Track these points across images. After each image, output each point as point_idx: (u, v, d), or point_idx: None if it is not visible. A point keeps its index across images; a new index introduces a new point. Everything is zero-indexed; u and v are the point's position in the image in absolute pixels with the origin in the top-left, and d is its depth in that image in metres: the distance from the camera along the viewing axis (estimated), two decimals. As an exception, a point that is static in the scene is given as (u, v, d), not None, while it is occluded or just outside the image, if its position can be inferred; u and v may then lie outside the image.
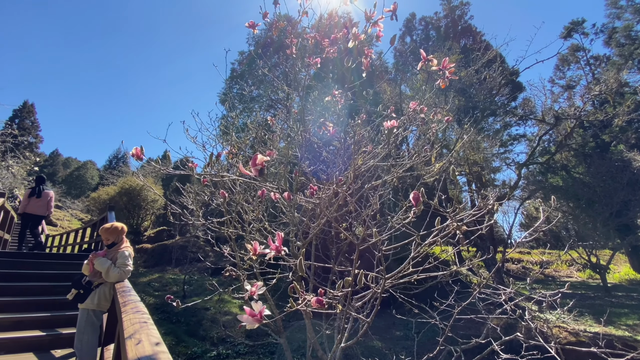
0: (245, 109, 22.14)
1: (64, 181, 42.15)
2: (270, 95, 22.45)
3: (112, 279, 2.74)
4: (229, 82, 22.17)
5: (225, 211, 3.67)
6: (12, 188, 14.12)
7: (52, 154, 52.28)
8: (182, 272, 11.20)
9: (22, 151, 16.74)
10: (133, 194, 15.10)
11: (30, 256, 6.33)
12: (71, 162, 55.00)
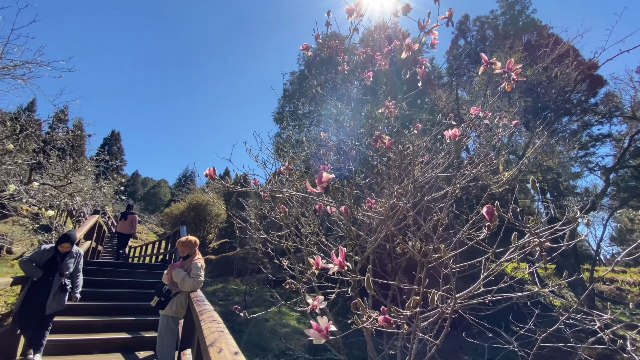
0: (297, 125, 23.00)
1: (142, 198, 47.85)
2: (320, 111, 23.04)
3: (187, 288, 2.99)
4: (282, 102, 23.33)
5: (284, 225, 3.80)
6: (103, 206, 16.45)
7: (133, 174, 59.89)
8: (242, 282, 11.78)
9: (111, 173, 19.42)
10: (199, 209, 16.52)
11: (118, 265, 7.21)
12: (148, 181, 62.33)
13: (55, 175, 9.49)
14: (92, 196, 12.08)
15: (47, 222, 13.05)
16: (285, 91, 23.40)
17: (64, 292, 3.68)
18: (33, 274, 3.46)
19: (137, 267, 7.70)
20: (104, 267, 6.74)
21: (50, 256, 3.64)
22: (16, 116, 10.17)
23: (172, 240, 8.48)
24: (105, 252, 12.19)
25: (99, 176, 14.04)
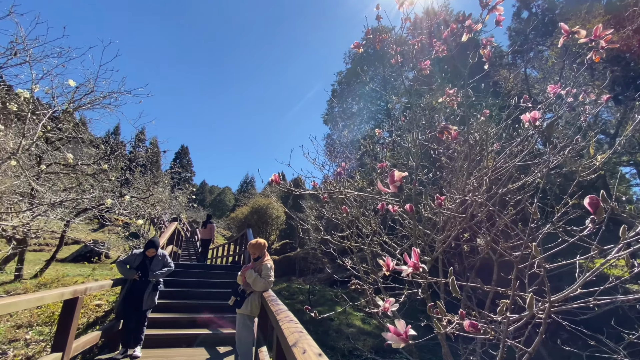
0: (348, 125, 22.92)
1: (210, 205, 52.19)
2: (370, 108, 22.66)
3: (259, 288, 3.16)
4: (331, 103, 23.48)
5: (345, 226, 3.78)
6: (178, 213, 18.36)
7: (201, 184, 65.68)
8: (305, 282, 12.10)
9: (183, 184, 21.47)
10: (261, 212, 17.46)
11: (197, 267, 7.91)
12: (214, 189, 67.74)
13: (140, 188, 10.86)
14: (169, 205, 13.55)
15: (135, 229, 15.02)
16: (333, 92, 23.51)
17: (155, 291, 4.16)
18: (127, 275, 3.99)
19: (212, 268, 8.39)
20: (186, 268, 7.46)
21: (140, 260, 4.16)
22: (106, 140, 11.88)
23: (239, 243, 9.07)
24: (183, 255, 13.49)
25: (174, 187, 15.70)
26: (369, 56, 22.97)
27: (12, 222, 5.39)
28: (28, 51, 3.91)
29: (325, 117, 23.44)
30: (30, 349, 5.39)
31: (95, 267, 11.55)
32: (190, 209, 21.55)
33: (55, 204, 5.34)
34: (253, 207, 18.12)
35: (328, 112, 23.44)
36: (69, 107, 4.74)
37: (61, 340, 2.73)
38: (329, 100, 23.32)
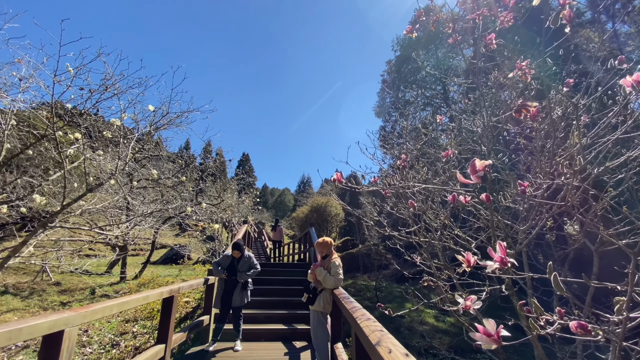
0: (401, 114, 22.07)
1: (273, 206, 54.97)
2: (424, 94, 21.49)
3: (329, 285, 3.22)
4: (381, 94, 22.85)
5: (411, 221, 3.64)
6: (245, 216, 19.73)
7: (262, 187, 69.51)
8: (370, 278, 12.01)
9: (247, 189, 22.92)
10: (320, 211, 17.81)
11: (269, 265, 8.38)
12: (275, 191, 71.12)
13: (212, 195, 11.93)
14: (237, 209, 14.62)
15: (211, 233, 16.51)
16: (383, 82, 22.83)
17: (245, 290, 4.48)
18: (217, 274, 4.38)
19: (282, 266, 8.81)
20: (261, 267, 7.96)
21: (230, 261, 4.54)
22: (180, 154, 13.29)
23: (303, 241, 9.37)
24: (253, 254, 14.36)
25: (240, 192, 16.87)
26: (419, 40, 21.80)
27: (116, 232, 6.34)
28: (115, 85, 4.54)
29: (377, 109, 22.92)
30: (137, 340, 6.28)
31: (181, 268, 12.98)
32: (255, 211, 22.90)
33: (147, 214, 6.13)
34: (312, 206, 18.59)
35: (379, 104, 22.88)
36: (150, 129, 5.40)
37: (163, 333, 3.13)
38: (379, 92, 22.75)
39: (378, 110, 22.80)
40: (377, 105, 23.07)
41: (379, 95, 23.07)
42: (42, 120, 5.08)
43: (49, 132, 4.14)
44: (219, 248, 13.58)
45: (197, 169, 13.00)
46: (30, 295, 8.10)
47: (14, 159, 5.03)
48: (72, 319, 1.71)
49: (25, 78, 4.24)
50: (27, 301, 7.73)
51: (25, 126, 4.98)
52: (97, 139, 6.05)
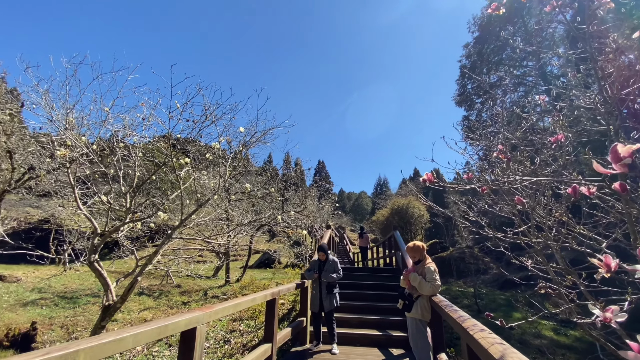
0: (487, 99, 19.88)
1: (350, 210, 55.28)
2: (513, 73, 18.96)
3: (426, 292, 3.04)
4: (461, 81, 20.99)
5: (518, 219, 3.21)
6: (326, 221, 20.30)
7: (339, 192, 70.60)
8: (466, 284, 10.98)
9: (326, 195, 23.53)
10: (402, 213, 17.14)
11: (357, 270, 8.40)
12: (352, 195, 71.50)
13: (295, 203, 12.64)
14: (319, 215, 15.16)
15: (296, 238, 17.46)
16: (462, 68, 20.96)
17: (331, 293, 4.59)
18: (309, 276, 4.59)
19: (368, 270, 8.74)
20: (345, 271, 8.07)
21: (317, 264, 4.73)
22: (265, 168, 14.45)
23: (387, 245, 9.14)
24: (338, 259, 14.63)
25: (320, 198, 17.46)
26: (499, 17, 19.46)
27: (220, 241, 7.20)
28: (212, 114, 5.19)
29: (457, 98, 21.08)
30: (244, 338, 6.97)
31: (274, 271, 13.99)
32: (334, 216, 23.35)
33: (245, 224, 6.82)
34: (392, 208, 18.01)
35: (459, 92, 21.01)
36: (242, 148, 6.01)
37: (269, 333, 3.40)
38: (458, 79, 20.91)
39: (459, 99, 20.96)
40: (457, 93, 21.23)
41: (458, 82, 21.21)
42: (161, 150, 6.13)
43: (167, 160, 4.97)
44: (305, 252, 14.25)
45: (281, 180, 13.96)
46: (159, 295, 9.77)
47: (143, 185, 6.18)
48: (201, 317, 1.98)
49: (146, 117, 5.21)
50: (158, 301, 9.34)
51: (149, 156, 6.10)
52: (201, 161, 7.02)
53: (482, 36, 20.36)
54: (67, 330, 7.30)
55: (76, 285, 10.34)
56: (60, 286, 10.06)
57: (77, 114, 4.61)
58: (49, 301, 8.82)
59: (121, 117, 5.06)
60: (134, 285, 4.57)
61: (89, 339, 1.28)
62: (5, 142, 6.27)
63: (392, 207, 18.03)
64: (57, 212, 11.16)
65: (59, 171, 6.08)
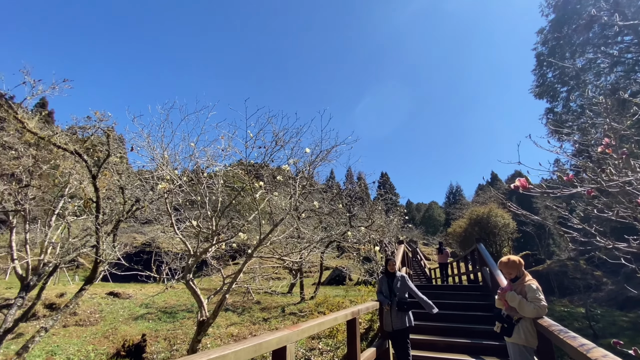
0: (574, 86, 17.29)
1: (421, 223, 52.21)
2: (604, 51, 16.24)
3: (528, 314, 2.65)
4: (538, 70, 18.73)
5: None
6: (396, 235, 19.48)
7: (406, 203, 67.59)
8: (573, 303, 9.31)
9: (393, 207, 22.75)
10: (482, 223, 15.53)
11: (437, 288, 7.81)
12: (420, 206, 67.81)
13: (362, 218, 12.48)
14: (388, 229, 14.67)
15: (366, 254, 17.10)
16: (538, 56, 18.75)
17: (403, 311, 4.32)
18: (382, 301, 4.37)
19: (451, 288, 8.00)
20: (424, 289, 7.56)
21: (385, 281, 4.52)
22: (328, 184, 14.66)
23: (471, 260, 8.32)
24: (413, 275, 13.83)
25: (387, 212, 16.95)
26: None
27: (293, 259, 7.43)
28: (281, 139, 5.51)
29: (536, 89, 18.71)
30: (323, 357, 6.95)
31: (346, 289, 13.84)
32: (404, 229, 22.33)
33: (316, 241, 6.95)
34: (471, 218, 16.41)
35: (538, 82, 18.62)
36: (309, 168, 6.22)
37: (351, 353, 3.31)
38: (534, 69, 18.61)
39: (539, 90, 18.58)
40: (536, 84, 18.85)
41: (534, 72, 18.87)
42: (238, 176, 6.69)
43: (245, 185, 5.39)
44: (376, 268, 13.82)
45: (346, 195, 13.99)
46: (242, 312, 10.40)
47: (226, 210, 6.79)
48: (291, 336, 2.03)
49: (225, 148, 5.78)
50: (241, 316, 9.95)
51: (229, 183, 6.70)
52: (272, 184, 7.46)
53: (558, 18, 18.03)
54: (169, 343, 8.22)
55: (174, 301, 11.67)
56: (162, 302, 11.46)
57: (170, 151, 5.34)
58: (153, 315, 10.09)
59: (204, 150, 5.70)
60: (223, 302, 4.94)
61: (199, 355, 1.40)
62: (118, 180, 7.56)
63: (471, 217, 16.44)
64: (156, 236, 12.88)
65: (158, 201, 7.05)
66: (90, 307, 10.40)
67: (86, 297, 10.90)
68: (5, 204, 6.90)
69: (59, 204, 8.43)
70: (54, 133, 6.25)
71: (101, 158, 6.88)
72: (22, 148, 6.94)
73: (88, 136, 7.37)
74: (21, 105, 5.60)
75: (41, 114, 6.87)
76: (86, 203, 7.73)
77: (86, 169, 6.75)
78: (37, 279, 6.81)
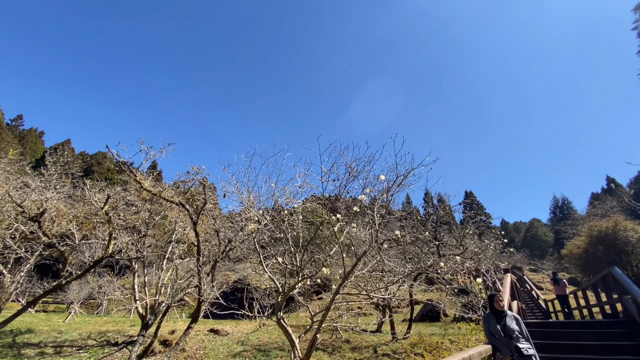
0: None
1: (523, 245, 44.95)
2: None
3: None
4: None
5: None
6: (494, 261, 17.02)
7: (501, 224, 59.63)
8: None
9: (487, 230, 20.25)
10: (608, 240, 12.52)
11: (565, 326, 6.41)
12: (519, 226, 59.08)
13: (452, 245, 11.29)
14: (484, 255, 12.93)
15: (462, 285, 15.23)
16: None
17: (524, 357, 3.53)
18: (498, 347, 3.64)
19: (583, 326, 6.36)
20: (548, 328, 6.25)
21: (494, 321, 3.81)
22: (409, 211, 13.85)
23: (602, 288, 6.65)
24: (526, 309, 11.75)
25: (480, 235, 15.10)
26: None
27: (381, 295, 6.97)
28: (354, 170, 5.48)
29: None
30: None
31: (445, 327, 12.36)
32: (504, 254, 19.52)
33: (406, 274, 6.46)
34: (591, 235, 13.38)
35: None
36: (386, 196, 5.98)
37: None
38: (639, 51, 15.40)
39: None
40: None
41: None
42: (315, 210, 6.80)
43: (323, 219, 5.42)
44: (476, 302, 12.08)
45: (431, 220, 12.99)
46: (332, 351, 10.02)
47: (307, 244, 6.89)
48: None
49: (302, 185, 5.99)
50: (332, 356, 9.57)
51: (307, 218, 6.84)
52: (349, 215, 7.37)
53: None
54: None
55: (266, 338, 11.97)
56: (256, 339, 11.86)
57: (255, 194, 5.76)
58: (249, 353, 10.44)
59: (283, 190, 6.01)
60: (315, 342, 4.81)
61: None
62: (213, 224, 8.43)
63: (591, 234, 13.41)
64: (247, 274, 13.73)
65: (248, 240, 7.56)
66: (195, 344, 11.33)
67: (192, 335, 11.96)
68: (129, 253, 8.24)
69: (168, 249, 9.72)
70: (163, 189, 7.39)
71: (199, 206, 7.80)
72: (140, 204, 8.35)
73: (188, 188, 8.52)
74: (138, 169, 6.81)
75: (153, 174, 8.24)
76: (189, 247, 8.75)
77: (188, 217, 7.71)
78: (154, 318, 7.74)
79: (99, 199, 7.98)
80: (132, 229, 9.23)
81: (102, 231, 8.96)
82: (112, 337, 12.46)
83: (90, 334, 13.16)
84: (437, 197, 35.01)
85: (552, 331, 5.79)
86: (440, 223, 12.11)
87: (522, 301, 10.62)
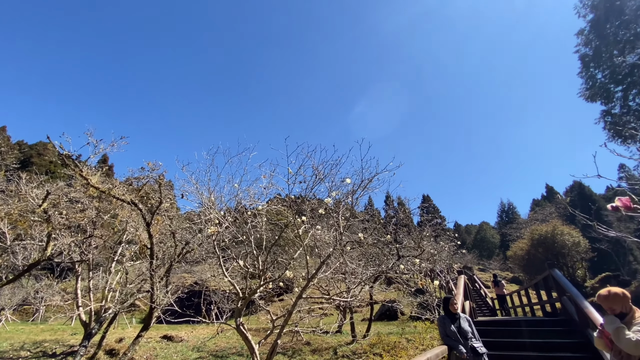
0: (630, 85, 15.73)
1: (473, 246, 48.29)
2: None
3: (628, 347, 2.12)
4: (585, 72, 17.42)
5: None
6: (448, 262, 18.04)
7: (454, 226, 63.38)
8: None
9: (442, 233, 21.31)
10: (547, 243, 13.85)
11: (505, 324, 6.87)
12: (470, 228, 63.32)
13: (411, 247, 11.75)
14: (439, 257, 13.61)
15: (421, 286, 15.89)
16: (583, 58, 17.54)
17: (478, 356, 3.76)
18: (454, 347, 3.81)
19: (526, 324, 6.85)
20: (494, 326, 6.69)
21: (449, 323, 4.00)
22: (372, 214, 14.19)
23: (544, 288, 7.30)
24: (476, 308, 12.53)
25: (437, 238, 15.88)
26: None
27: (344, 297, 7.03)
28: (320, 173, 5.46)
29: (586, 92, 17.26)
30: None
31: (402, 326, 12.79)
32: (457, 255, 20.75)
33: (368, 277, 6.56)
34: (532, 238, 14.72)
35: (587, 85, 17.22)
36: (351, 199, 6.04)
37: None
38: (580, 72, 17.31)
39: (589, 93, 17.13)
40: (585, 87, 17.44)
41: (581, 75, 17.54)
42: (281, 212, 6.67)
43: (288, 222, 5.32)
44: (431, 301, 12.68)
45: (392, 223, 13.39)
46: (293, 354, 9.92)
47: (271, 247, 6.74)
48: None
49: (267, 186, 5.85)
50: (292, 359, 9.48)
51: (272, 220, 6.68)
52: (314, 217, 7.34)
53: (598, 17, 16.99)
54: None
55: (224, 343, 11.52)
56: (213, 345, 11.37)
57: (216, 194, 5.50)
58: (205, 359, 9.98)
59: (247, 190, 5.81)
60: (275, 349, 4.70)
61: None
62: (169, 225, 7.93)
63: (532, 237, 14.75)
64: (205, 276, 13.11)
65: (206, 242, 7.21)
66: (146, 352, 10.59)
67: (142, 341, 11.16)
68: (72, 254, 7.47)
69: (117, 251, 8.97)
70: (114, 186, 6.79)
71: (154, 205, 7.29)
72: (86, 201, 7.61)
73: (141, 185, 7.93)
74: (86, 163, 6.19)
75: (102, 169, 7.56)
76: (141, 249, 8.15)
77: (141, 217, 7.17)
78: (99, 327, 7.09)
79: (37, 195, 7.13)
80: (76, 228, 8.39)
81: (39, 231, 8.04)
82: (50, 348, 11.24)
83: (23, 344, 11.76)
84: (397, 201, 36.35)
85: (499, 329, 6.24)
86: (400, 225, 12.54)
87: (472, 300, 11.31)
